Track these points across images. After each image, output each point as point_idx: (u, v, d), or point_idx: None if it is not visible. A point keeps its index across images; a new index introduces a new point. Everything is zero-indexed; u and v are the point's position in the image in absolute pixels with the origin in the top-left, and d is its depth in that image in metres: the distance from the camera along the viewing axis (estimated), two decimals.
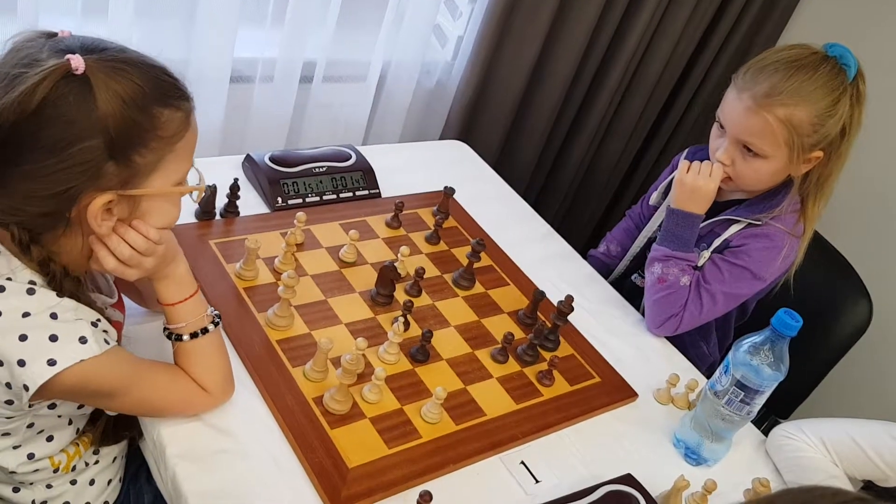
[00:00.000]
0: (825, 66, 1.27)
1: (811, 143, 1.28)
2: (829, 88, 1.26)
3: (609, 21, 1.90)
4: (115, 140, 0.78)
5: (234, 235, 1.25)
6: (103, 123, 0.77)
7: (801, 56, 1.29)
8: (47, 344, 0.80)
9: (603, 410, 1.20)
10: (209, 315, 0.97)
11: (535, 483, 1.05)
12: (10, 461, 0.90)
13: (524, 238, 1.52)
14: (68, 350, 0.81)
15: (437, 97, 1.90)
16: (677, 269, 1.36)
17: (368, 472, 0.97)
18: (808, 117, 1.26)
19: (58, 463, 0.94)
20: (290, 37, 1.55)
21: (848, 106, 1.28)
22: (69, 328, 0.82)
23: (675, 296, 1.36)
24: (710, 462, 1.17)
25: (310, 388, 1.05)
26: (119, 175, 0.80)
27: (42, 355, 0.80)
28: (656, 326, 1.38)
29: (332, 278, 1.24)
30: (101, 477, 1.01)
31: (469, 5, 1.81)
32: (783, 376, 1.09)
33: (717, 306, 1.37)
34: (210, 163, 1.42)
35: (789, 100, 1.26)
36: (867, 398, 2.09)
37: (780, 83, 1.26)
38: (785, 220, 1.35)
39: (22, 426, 0.89)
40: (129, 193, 0.83)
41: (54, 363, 0.80)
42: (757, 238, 1.35)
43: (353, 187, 1.43)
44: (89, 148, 0.77)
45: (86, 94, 0.76)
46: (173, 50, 1.50)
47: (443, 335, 1.21)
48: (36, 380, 0.79)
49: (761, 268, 1.35)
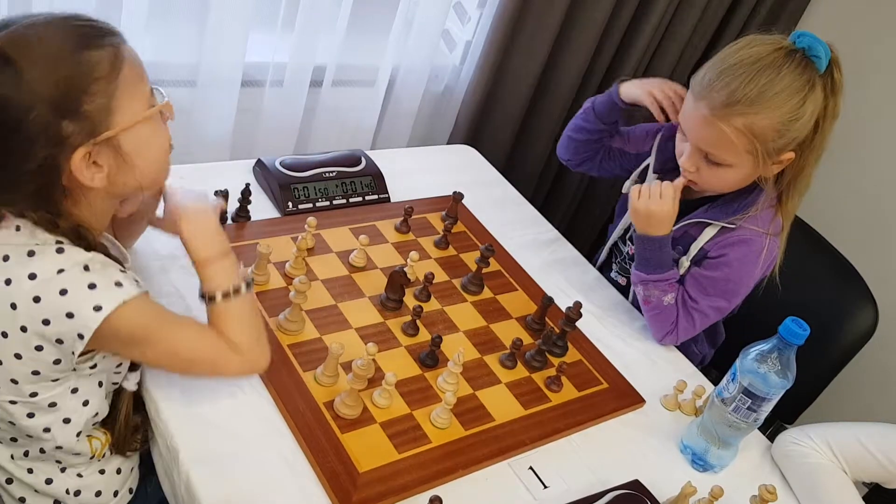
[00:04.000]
0: (790, 65, 1.17)
1: (777, 148, 1.21)
2: (795, 89, 1.17)
3: (617, 26, 1.91)
4: (56, 101, 0.80)
5: (246, 240, 1.26)
6: (38, 92, 0.79)
7: (763, 55, 1.18)
8: (88, 292, 0.84)
9: (610, 416, 1.21)
10: (242, 276, 0.98)
11: (544, 488, 1.06)
12: (60, 435, 0.93)
13: (532, 243, 1.53)
14: (109, 294, 0.84)
15: (446, 102, 1.91)
16: (658, 291, 1.34)
17: (379, 477, 0.98)
18: (772, 124, 1.18)
19: (95, 450, 0.97)
20: (301, 41, 1.56)
21: (821, 99, 1.19)
22: (104, 276, 0.85)
23: (664, 315, 1.36)
24: (717, 468, 1.18)
25: (321, 393, 1.06)
26: (81, 129, 0.82)
27: (87, 303, 0.83)
28: (658, 340, 1.39)
29: (342, 283, 1.25)
30: (126, 465, 1.03)
31: (478, 10, 1.82)
32: (790, 384, 1.10)
33: (709, 319, 1.36)
34: (221, 167, 1.44)
35: (749, 109, 1.17)
36: (873, 403, 2.10)
37: (739, 90, 1.17)
38: (761, 218, 1.30)
39: (66, 391, 0.91)
40: (101, 139, 0.84)
41: (100, 308, 0.83)
42: (734, 246, 1.31)
43: (363, 192, 1.44)
44: (37, 118, 0.79)
45: (10, 73, 0.78)
46: (185, 54, 1.51)
47: (452, 340, 1.22)
48: (89, 325, 0.83)
49: (743, 276, 1.33)
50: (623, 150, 1.54)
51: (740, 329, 1.53)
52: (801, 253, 1.66)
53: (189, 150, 1.57)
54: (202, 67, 1.50)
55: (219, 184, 1.27)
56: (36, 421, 0.91)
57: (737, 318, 1.56)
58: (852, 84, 2.21)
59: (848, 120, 2.14)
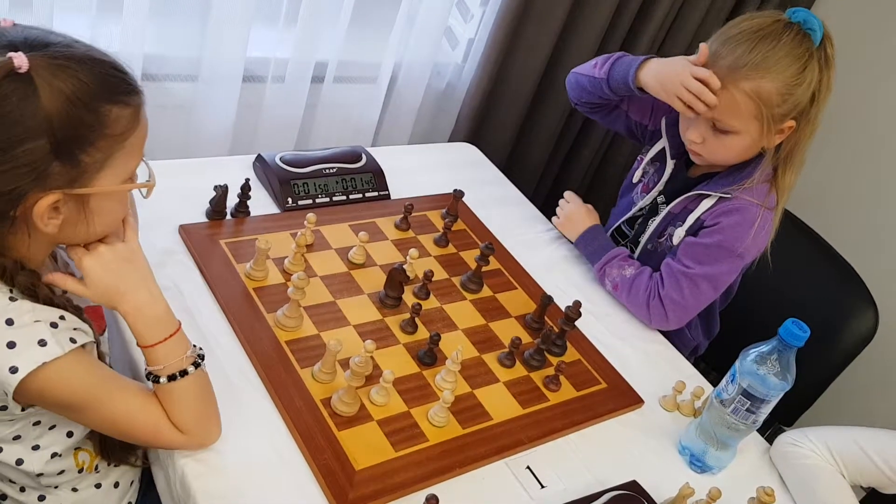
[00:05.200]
0: (788, 34, 1.23)
1: (782, 114, 1.25)
2: (795, 56, 1.22)
3: (620, 25, 1.91)
4: (60, 140, 0.76)
5: (245, 235, 1.25)
6: (48, 124, 0.74)
7: (763, 25, 1.24)
8: (6, 352, 0.78)
9: (609, 416, 1.20)
10: (190, 356, 0.91)
11: (541, 488, 1.06)
12: (35, 464, 0.90)
13: (532, 241, 1.53)
14: (27, 355, 0.79)
15: (447, 99, 1.91)
16: (616, 270, 1.42)
17: (375, 475, 0.98)
18: (776, 88, 1.23)
19: (81, 463, 0.94)
20: (303, 37, 1.56)
21: (817, 71, 1.24)
22: (27, 332, 0.80)
23: (634, 288, 1.39)
24: (715, 470, 1.18)
25: (318, 390, 1.05)
26: (66, 175, 0.78)
27: (4, 363, 0.78)
28: (651, 322, 1.39)
29: (340, 279, 1.24)
30: (124, 479, 1.02)
31: (480, 8, 1.82)
32: (789, 386, 1.09)
33: (700, 290, 1.36)
34: (221, 162, 1.44)
35: (754, 72, 1.22)
36: (873, 406, 2.09)
37: (744, 56, 1.22)
38: (757, 190, 1.32)
39: (28, 425, 0.89)
40: (77, 192, 0.80)
41: (16, 370, 0.78)
42: (728, 214, 1.33)
43: (363, 189, 1.44)
44: (34, 149, 0.75)
45: (29, 94, 0.74)
46: (187, 48, 1.51)
47: (450, 338, 1.21)
48: (9, 384, 0.78)
49: (735, 242, 1.33)
50: (640, 122, 1.53)
51: (739, 330, 1.52)
52: (802, 255, 1.66)
53: (189, 144, 1.56)
54: (204, 62, 1.50)
55: (218, 178, 1.27)
56: (4, 455, 0.89)
57: (736, 318, 1.56)
58: (860, 82, 2.21)
59: (852, 120, 2.14)
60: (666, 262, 1.39)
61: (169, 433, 0.90)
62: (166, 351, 0.89)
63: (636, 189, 1.53)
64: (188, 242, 1.20)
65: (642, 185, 1.52)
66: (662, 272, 1.39)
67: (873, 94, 2.14)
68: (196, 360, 0.92)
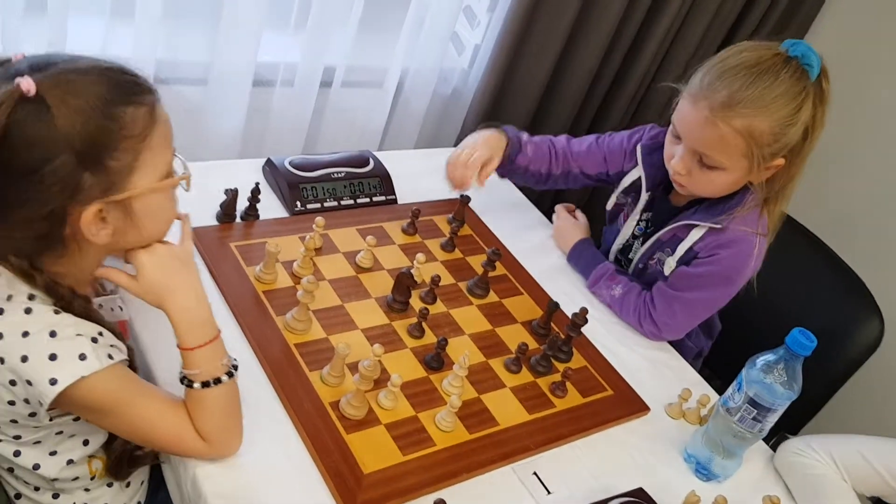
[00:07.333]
0: (787, 70, 1.19)
1: (771, 153, 1.22)
2: (792, 95, 1.19)
3: (626, 32, 1.91)
4: (83, 152, 0.77)
5: (254, 238, 1.26)
6: (67, 139, 0.76)
7: (762, 59, 1.20)
8: (47, 364, 0.80)
9: (615, 423, 1.20)
10: (225, 364, 0.92)
11: (547, 494, 1.06)
12: (51, 470, 0.92)
13: (538, 247, 1.53)
14: (68, 368, 0.81)
15: (454, 104, 1.91)
16: (605, 291, 1.43)
17: (383, 479, 0.98)
18: (769, 127, 1.19)
19: (94, 470, 0.96)
20: (312, 42, 1.57)
21: (811, 108, 1.20)
22: (69, 345, 0.82)
23: (625, 309, 1.41)
24: (721, 478, 1.18)
25: (327, 393, 1.06)
26: (99, 184, 0.79)
27: (45, 375, 0.80)
28: (649, 336, 1.40)
29: (348, 283, 1.25)
30: (135, 478, 1.03)
31: (487, 14, 1.82)
32: (796, 395, 1.10)
33: (694, 311, 1.37)
34: (231, 166, 1.45)
35: (749, 110, 1.18)
36: (878, 415, 2.09)
37: (740, 91, 1.18)
38: (748, 218, 1.30)
39: (51, 434, 0.90)
40: (115, 199, 0.81)
41: (55, 382, 0.80)
42: (725, 246, 1.31)
43: (371, 193, 1.44)
44: (60, 165, 0.76)
45: (43, 115, 0.75)
46: (198, 52, 1.52)
47: (457, 343, 1.22)
48: (47, 395, 0.80)
49: (733, 273, 1.33)
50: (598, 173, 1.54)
51: (745, 339, 1.52)
52: (807, 264, 1.66)
53: (199, 148, 1.57)
54: (214, 66, 1.50)
55: (228, 182, 1.28)
56: (22, 459, 0.90)
57: (741, 327, 1.56)
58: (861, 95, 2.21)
59: (856, 131, 2.15)
60: (658, 286, 1.39)
61: (191, 441, 0.91)
62: (204, 355, 0.90)
63: (619, 217, 1.53)
64: (198, 245, 1.20)
65: (623, 213, 1.52)
66: (654, 295, 1.39)
67: (879, 103, 2.14)
68: (230, 370, 0.93)
